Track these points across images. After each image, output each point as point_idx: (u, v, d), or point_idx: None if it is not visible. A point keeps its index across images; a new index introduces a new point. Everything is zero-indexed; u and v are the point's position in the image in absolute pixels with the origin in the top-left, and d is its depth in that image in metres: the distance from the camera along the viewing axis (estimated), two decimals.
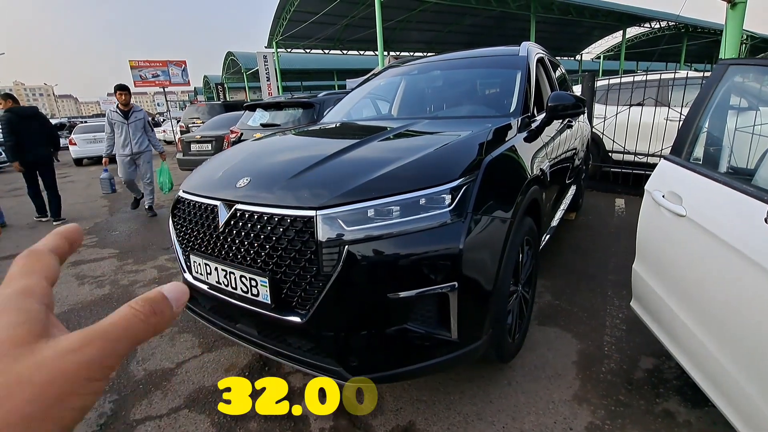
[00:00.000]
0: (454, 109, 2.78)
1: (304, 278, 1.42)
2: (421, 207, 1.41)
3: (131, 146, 5.19)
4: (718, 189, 1.41)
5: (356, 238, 1.35)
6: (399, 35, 26.55)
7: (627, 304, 2.51)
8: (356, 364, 1.43)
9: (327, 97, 4.81)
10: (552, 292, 2.75)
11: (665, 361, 1.99)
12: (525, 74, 2.53)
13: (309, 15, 21.49)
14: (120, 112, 5.13)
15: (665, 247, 1.65)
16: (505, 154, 1.79)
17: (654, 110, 4.99)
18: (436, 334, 1.45)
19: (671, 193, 1.61)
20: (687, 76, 4.90)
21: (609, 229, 4.02)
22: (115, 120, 5.13)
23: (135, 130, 5.18)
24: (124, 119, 5.12)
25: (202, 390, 1.96)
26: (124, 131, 5.14)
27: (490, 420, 1.68)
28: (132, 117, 5.17)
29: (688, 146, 1.72)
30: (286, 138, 2.37)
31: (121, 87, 5.17)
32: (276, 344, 1.59)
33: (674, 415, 1.67)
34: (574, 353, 2.09)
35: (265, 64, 23.17)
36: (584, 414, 1.69)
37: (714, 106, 1.76)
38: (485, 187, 1.53)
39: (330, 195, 1.42)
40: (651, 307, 1.76)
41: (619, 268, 3.05)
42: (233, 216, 1.56)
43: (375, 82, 3.37)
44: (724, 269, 1.29)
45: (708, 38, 30.98)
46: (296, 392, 1.90)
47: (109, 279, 3.42)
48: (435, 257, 1.38)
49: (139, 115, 5.25)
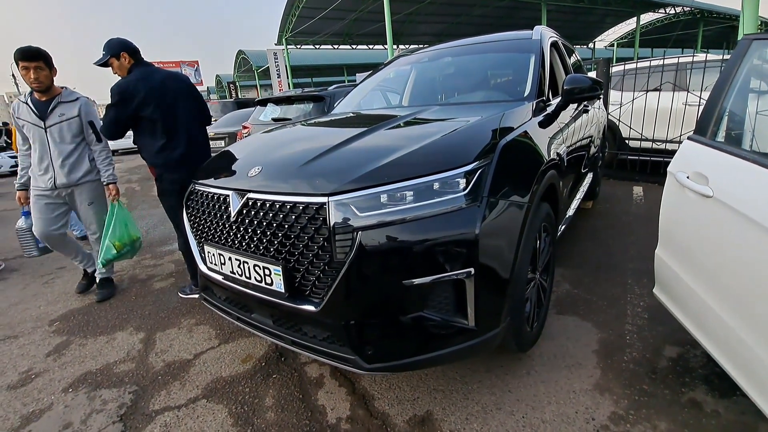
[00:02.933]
0: (466, 95, 2.73)
1: (318, 266, 1.40)
2: (435, 192, 1.37)
3: (54, 172, 2.75)
4: (749, 168, 1.34)
5: (369, 224, 1.33)
6: (408, 28, 26.34)
7: (648, 292, 2.44)
8: (372, 353, 1.41)
9: (337, 90, 4.79)
10: (570, 281, 2.69)
11: (690, 350, 1.92)
12: (539, 58, 2.46)
13: (318, 11, 21.47)
14: (32, 106, 2.71)
15: (691, 231, 1.59)
16: (520, 137, 1.74)
17: (672, 95, 4.83)
18: (453, 322, 1.42)
19: (696, 174, 1.54)
20: (706, 58, 4.72)
21: (627, 217, 3.92)
22: (25, 121, 2.73)
23: (61, 140, 2.75)
24: (40, 119, 2.71)
25: (220, 380, 1.97)
26: (39, 141, 2.73)
27: (509, 410, 1.64)
28: (56, 112, 2.74)
29: (713, 125, 1.65)
30: (297, 129, 2.36)
31: (30, 53, 2.58)
32: (291, 334, 1.58)
33: (701, 404, 1.61)
34: (595, 342, 2.03)
35: (276, 61, 23.28)
36: (607, 404, 1.64)
37: (739, 83, 1.68)
38: (500, 170, 1.48)
39: (342, 181, 1.40)
40: (676, 294, 1.69)
41: (638, 257, 2.96)
42: (245, 205, 1.55)
43: (384, 72, 3.33)
44: (756, 251, 1.23)
45: (724, 23, 29.95)
46: (313, 382, 1.90)
47: (128, 274, 3.47)
48: (450, 243, 1.35)
49: (71, 109, 2.78)
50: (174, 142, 2.56)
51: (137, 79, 2.45)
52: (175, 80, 2.64)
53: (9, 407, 1.91)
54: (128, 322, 2.64)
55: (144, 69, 2.55)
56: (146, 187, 8.02)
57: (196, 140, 2.67)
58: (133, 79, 2.45)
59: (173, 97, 2.55)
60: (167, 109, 2.52)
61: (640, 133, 5.14)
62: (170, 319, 2.64)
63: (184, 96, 2.63)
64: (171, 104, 2.53)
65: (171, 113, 2.54)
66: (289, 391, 1.86)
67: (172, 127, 2.55)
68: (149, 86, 2.46)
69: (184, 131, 2.60)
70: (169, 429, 1.70)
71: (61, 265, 3.82)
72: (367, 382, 1.87)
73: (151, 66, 2.65)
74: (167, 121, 2.52)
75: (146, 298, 2.95)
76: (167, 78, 2.59)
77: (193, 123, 2.68)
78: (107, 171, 2.87)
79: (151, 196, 7.01)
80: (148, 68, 2.59)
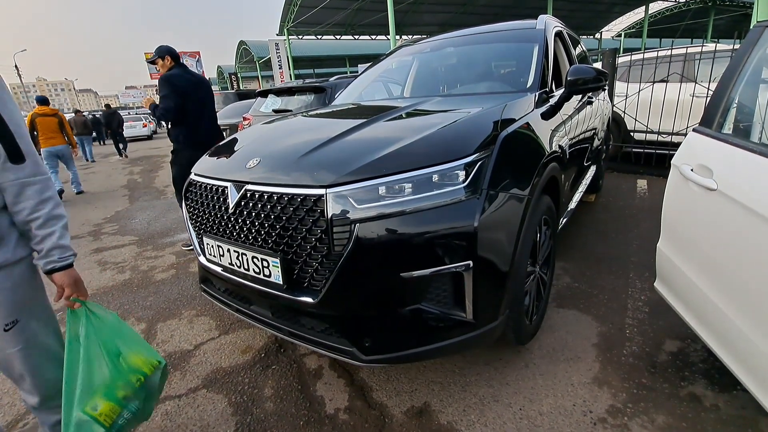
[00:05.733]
0: (468, 86, 2.69)
1: (316, 258, 1.40)
2: (434, 184, 1.36)
3: None
4: (755, 160, 1.31)
5: (367, 216, 1.32)
6: (411, 18, 26.00)
7: (649, 286, 2.43)
8: (369, 345, 1.41)
9: (338, 82, 4.74)
10: (571, 274, 2.67)
11: (690, 344, 1.91)
12: (542, 48, 2.42)
13: (320, 1, 21.22)
14: None
15: (694, 224, 1.56)
16: (522, 129, 1.72)
17: (679, 86, 4.75)
18: (451, 315, 1.42)
19: (701, 167, 1.52)
20: (715, 49, 4.63)
21: (631, 210, 3.89)
22: None
23: None
24: None
25: (220, 371, 1.99)
26: None
27: (507, 402, 1.65)
28: None
29: (719, 116, 1.61)
30: (296, 120, 2.34)
31: None
32: (290, 325, 1.59)
33: (701, 398, 1.60)
34: (594, 336, 2.03)
35: (277, 51, 23.10)
36: (605, 397, 1.64)
37: (749, 73, 1.64)
38: (501, 163, 1.47)
39: (340, 173, 1.38)
40: (677, 288, 1.68)
41: (641, 250, 2.94)
42: (243, 197, 1.54)
43: (386, 63, 3.29)
44: (760, 245, 1.21)
45: (737, 11, 29.35)
46: (312, 373, 1.91)
47: (129, 265, 3.49)
48: (448, 235, 1.33)
49: None
50: (200, 130, 3.36)
51: (179, 75, 3.27)
52: (202, 81, 3.45)
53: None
54: (130, 312, 2.66)
55: (182, 68, 3.37)
56: (148, 179, 8.04)
57: (215, 129, 3.55)
58: (176, 74, 3.26)
59: (202, 95, 3.37)
60: (198, 101, 3.32)
61: (646, 125, 5.07)
62: (171, 310, 2.65)
63: (208, 95, 3.47)
64: (200, 99, 3.35)
65: (200, 107, 3.35)
66: (288, 381, 1.87)
67: (200, 115, 3.35)
68: (187, 80, 3.29)
69: (208, 121, 3.43)
70: (170, 418, 1.72)
71: None
72: (366, 373, 1.87)
73: (187, 68, 3.46)
74: (197, 112, 3.32)
75: (148, 289, 2.96)
76: (200, 80, 3.43)
77: (213, 115, 3.51)
78: (49, 240, 1.16)
79: (153, 187, 7.03)
80: (185, 69, 3.40)
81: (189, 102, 3.23)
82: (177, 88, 3.17)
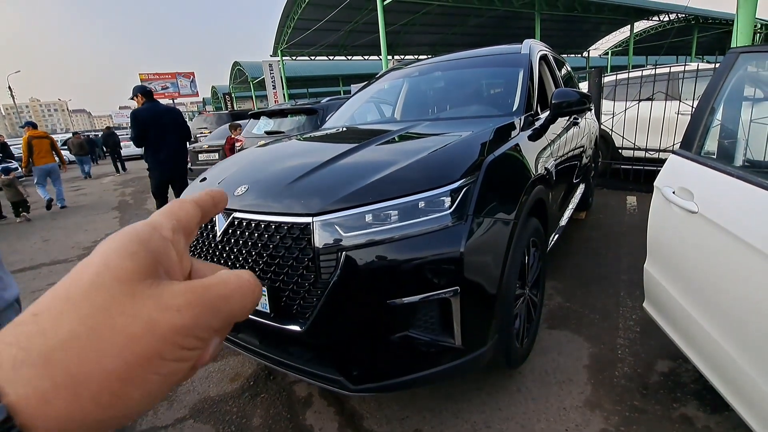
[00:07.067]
0: (456, 109, 2.74)
1: (303, 286, 1.39)
2: (421, 210, 1.37)
3: None
4: (733, 183, 1.34)
5: (354, 244, 1.32)
6: (403, 39, 26.61)
7: (641, 305, 2.42)
8: (357, 374, 1.40)
9: (330, 103, 4.81)
10: (562, 293, 2.68)
11: (682, 364, 1.91)
12: (527, 72, 2.49)
13: (313, 22, 21.67)
14: None
15: (677, 246, 1.59)
16: (507, 153, 1.75)
17: (664, 104, 4.87)
18: (440, 341, 1.41)
19: (682, 189, 1.55)
20: (698, 68, 4.78)
21: (621, 227, 3.93)
22: None
23: None
24: None
25: (207, 400, 1.94)
26: None
27: (499, 428, 1.62)
28: None
29: (698, 139, 1.65)
30: (285, 144, 2.36)
31: None
32: (277, 354, 1.56)
33: (692, 420, 1.59)
34: (586, 357, 2.02)
35: (271, 72, 23.41)
36: (597, 420, 1.62)
37: (725, 97, 1.69)
38: (486, 188, 1.48)
39: (326, 201, 1.39)
40: (664, 309, 1.69)
41: (631, 268, 2.96)
42: (231, 224, 1.54)
43: (377, 86, 3.35)
44: (739, 267, 1.23)
45: (719, 29, 30.36)
46: (301, 402, 1.88)
47: None
48: (435, 262, 1.34)
49: None
50: (161, 152, 4.26)
51: (145, 109, 4.15)
52: (168, 111, 4.31)
53: None
54: None
55: (151, 104, 4.22)
56: (139, 200, 8.00)
57: (175, 150, 4.38)
58: (142, 109, 4.15)
59: (164, 123, 4.21)
60: (160, 129, 4.18)
61: (633, 142, 5.17)
62: None
63: (172, 123, 4.30)
64: (163, 126, 4.20)
65: (161, 133, 4.20)
66: (277, 410, 1.83)
67: (161, 140, 4.21)
68: (151, 114, 4.14)
69: (168, 145, 4.27)
70: None
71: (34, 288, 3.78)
72: (356, 401, 1.84)
73: (156, 102, 4.33)
74: (158, 138, 4.18)
75: None
76: (164, 111, 4.28)
77: (175, 138, 4.34)
78: None
79: (144, 209, 7.00)
80: (153, 103, 4.26)
81: (151, 130, 4.13)
82: (138, 122, 4.10)
